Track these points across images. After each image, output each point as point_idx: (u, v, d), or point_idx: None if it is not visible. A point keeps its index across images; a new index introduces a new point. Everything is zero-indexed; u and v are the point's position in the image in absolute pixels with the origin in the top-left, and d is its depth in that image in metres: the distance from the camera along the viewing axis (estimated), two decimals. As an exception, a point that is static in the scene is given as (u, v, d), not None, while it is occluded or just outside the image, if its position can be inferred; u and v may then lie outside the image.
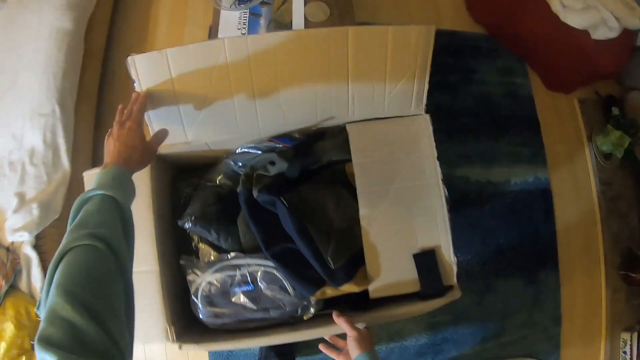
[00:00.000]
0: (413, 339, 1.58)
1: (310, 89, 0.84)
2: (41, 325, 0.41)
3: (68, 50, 1.46)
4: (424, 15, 2.01)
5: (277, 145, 0.88)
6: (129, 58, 0.78)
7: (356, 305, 0.91)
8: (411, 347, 1.58)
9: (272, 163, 0.88)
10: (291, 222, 0.81)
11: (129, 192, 0.65)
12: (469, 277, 1.68)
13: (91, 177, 0.89)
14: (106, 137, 0.72)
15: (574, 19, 1.74)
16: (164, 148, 0.84)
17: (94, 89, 1.64)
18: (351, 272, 0.84)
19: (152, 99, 0.80)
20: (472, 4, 2.03)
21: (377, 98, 0.88)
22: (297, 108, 0.86)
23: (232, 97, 0.82)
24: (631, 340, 1.74)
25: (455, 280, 0.86)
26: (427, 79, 0.90)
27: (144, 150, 0.70)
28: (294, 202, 0.83)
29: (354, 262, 0.85)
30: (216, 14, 1.36)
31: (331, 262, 0.81)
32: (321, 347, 0.86)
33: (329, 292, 0.85)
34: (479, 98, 1.90)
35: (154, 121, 0.83)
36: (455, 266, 0.86)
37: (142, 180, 0.83)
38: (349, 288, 0.84)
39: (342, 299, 0.90)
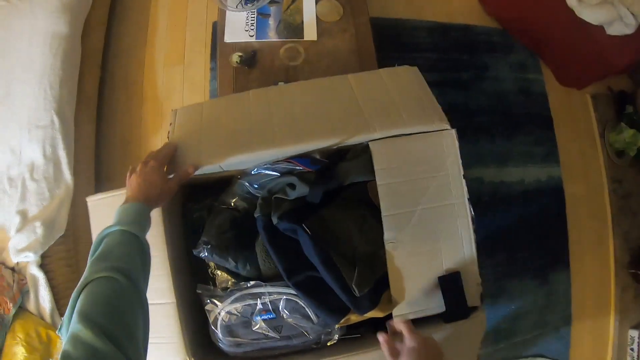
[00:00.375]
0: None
1: (326, 115, 0.86)
2: (63, 346, 0.45)
3: (64, 55, 1.42)
4: (436, 8, 1.97)
5: (296, 168, 0.84)
6: (172, 111, 0.89)
7: (378, 327, 0.89)
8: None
9: (292, 186, 0.84)
10: (314, 251, 0.78)
11: (147, 226, 0.69)
12: (482, 279, 1.68)
13: (95, 204, 0.86)
14: (128, 173, 0.76)
15: (590, 15, 1.72)
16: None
17: (94, 95, 1.59)
18: (376, 299, 0.82)
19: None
20: (485, -7, 1.98)
21: (393, 114, 0.85)
22: (314, 128, 0.83)
23: (251, 125, 0.84)
24: (639, 338, 1.76)
25: (479, 301, 0.84)
26: (434, 99, 0.91)
27: (164, 188, 0.74)
28: (316, 229, 0.80)
29: (378, 287, 0.83)
30: (222, 15, 1.30)
31: (356, 290, 0.79)
32: (380, 336, 0.73)
33: (353, 318, 0.83)
34: (492, 96, 1.87)
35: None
36: (480, 287, 0.84)
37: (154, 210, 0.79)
38: (373, 314, 0.82)
39: (365, 322, 0.88)
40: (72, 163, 1.33)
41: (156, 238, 0.79)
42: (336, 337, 0.85)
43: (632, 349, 1.77)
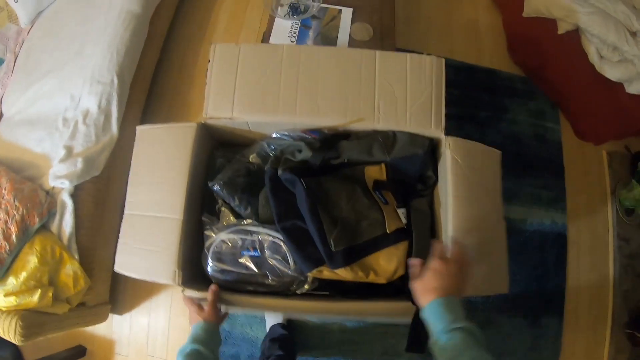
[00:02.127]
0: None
1: (344, 92, 1.04)
2: None
3: (133, 31, 1.71)
4: (466, 50, 2.19)
5: (307, 137, 1.05)
6: (212, 45, 1.08)
7: (346, 294, 1.03)
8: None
9: (300, 151, 1.04)
10: (305, 201, 0.95)
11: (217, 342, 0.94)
12: (470, 308, 1.77)
13: (143, 131, 1.08)
14: (196, 312, 0.95)
15: (610, 71, 1.86)
16: (212, 120, 1.03)
17: (150, 71, 1.89)
18: (349, 259, 0.95)
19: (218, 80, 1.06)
20: (514, 45, 2.19)
21: (400, 110, 1.05)
22: (330, 105, 1.03)
23: (279, 87, 1.04)
24: None
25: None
26: (443, 102, 1.06)
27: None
28: (312, 186, 0.98)
29: (354, 252, 0.96)
30: (270, 21, 1.58)
31: (332, 244, 0.93)
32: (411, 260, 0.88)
33: (326, 273, 0.96)
34: (507, 136, 2.03)
35: (212, 93, 1.05)
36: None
37: (185, 141, 1.01)
38: (343, 273, 0.95)
39: (335, 285, 1.02)
40: (121, 119, 1.59)
41: (183, 165, 1.00)
42: (306, 287, 1.01)
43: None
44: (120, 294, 1.80)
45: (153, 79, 1.95)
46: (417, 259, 0.85)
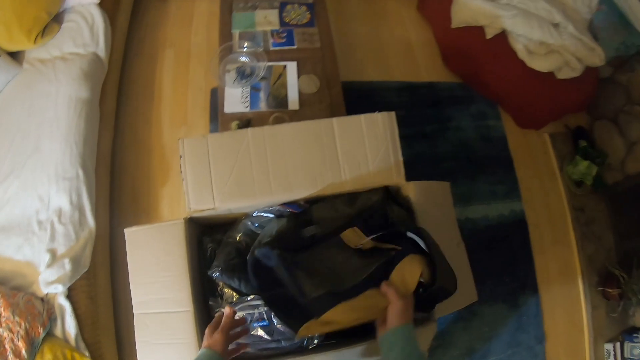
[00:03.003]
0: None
1: (310, 163, 1.20)
2: None
3: (87, 117, 1.80)
4: (404, 69, 2.43)
5: (286, 210, 1.22)
6: (180, 140, 1.17)
7: (352, 337, 1.18)
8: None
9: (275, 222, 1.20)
10: (281, 264, 1.04)
11: None
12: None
13: (131, 233, 1.19)
14: (208, 334, 0.98)
15: (539, 64, 2.14)
16: (197, 213, 1.18)
17: (108, 152, 1.98)
18: (331, 302, 0.99)
19: (194, 175, 1.17)
20: (447, 56, 2.45)
21: (363, 169, 1.23)
22: (301, 178, 1.19)
23: (252, 171, 1.18)
24: (614, 351, 2.05)
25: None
26: (399, 152, 1.24)
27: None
28: (286, 257, 1.08)
29: (335, 295, 1.00)
30: (221, 90, 1.71)
31: (309, 293, 1.01)
32: (383, 286, 0.98)
33: (314, 327, 1.02)
34: (456, 144, 2.28)
35: (190, 188, 1.18)
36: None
37: (177, 238, 1.16)
38: (331, 316, 1.00)
39: (340, 333, 1.12)
40: (94, 210, 1.68)
41: (180, 261, 1.14)
42: (316, 341, 1.18)
43: (609, 362, 2.05)
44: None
45: (112, 157, 2.04)
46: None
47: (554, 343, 2.06)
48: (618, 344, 2.05)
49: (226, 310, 0.98)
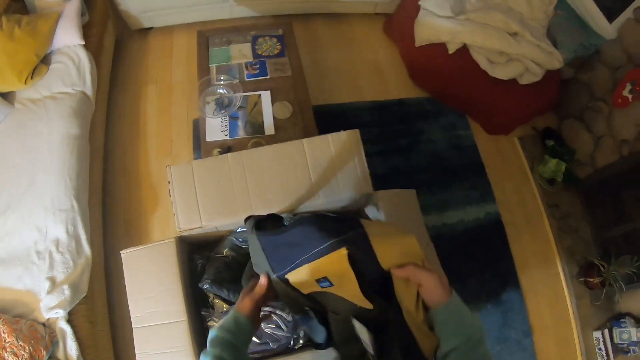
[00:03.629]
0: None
1: (286, 181, 1.38)
2: None
3: (78, 152, 1.96)
4: (374, 89, 2.63)
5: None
6: (167, 167, 1.34)
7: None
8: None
9: None
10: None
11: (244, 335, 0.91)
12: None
13: (128, 255, 1.35)
14: (240, 299, 0.98)
15: (501, 72, 2.32)
16: (186, 232, 1.35)
17: (99, 183, 2.15)
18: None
19: (181, 198, 1.34)
20: (414, 73, 2.67)
21: (333, 183, 1.42)
22: (278, 195, 1.37)
23: (234, 191, 1.36)
24: (603, 337, 2.17)
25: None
26: (365, 164, 1.42)
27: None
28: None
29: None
30: (202, 121, 1.89)
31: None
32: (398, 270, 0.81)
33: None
34: (429, 155, 2.47)
35: (179, 209, 1.35)
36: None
37: (170, 256, 1.32)
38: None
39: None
40: (89, 239, 1.83)
41: (173, 276, 1.30)
42: (301, 342, 1.35)
43: (599, 349, 2.19)
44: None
45: (104, 189, 2.21)
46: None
47: (543, 336, 2.19)
48: (607, 331, 2.17)
49: (262, 278, 0.95)
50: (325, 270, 0.83)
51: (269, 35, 2.22)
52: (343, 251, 0.79)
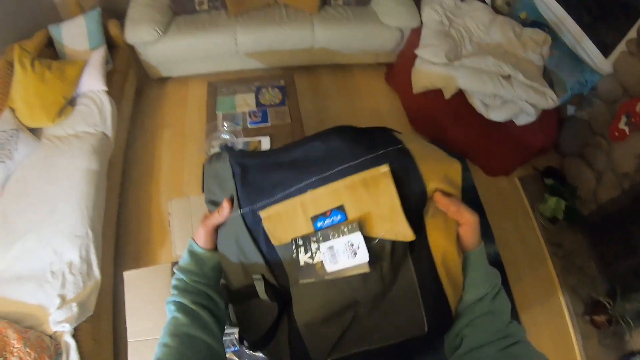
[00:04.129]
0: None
1: None
2: None
3: (96, 187, 2.20)
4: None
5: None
6: (169, 201, 1.56)
7: None
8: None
9: None
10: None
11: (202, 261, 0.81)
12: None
13: (129, 276, 1.56)
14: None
15: (496, 115, 2.42)
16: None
17: (114, 215, 2.38)
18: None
19: (179, 227, 1.54)
20: (413, 119, 2.85)
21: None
22: None
23: None
24: None
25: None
26: None
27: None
28: None
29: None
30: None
31: None
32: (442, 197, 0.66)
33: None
34: (427, 198, 2.59)
35: (176, 237, 1.55)
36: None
37: (165, 277, 1.51)
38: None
39: None
40: (100, 265, 2.02)
41: (168, 294, 1.49)
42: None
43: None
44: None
45: (118, 222, 2.43)
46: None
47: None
48: (616, 371, 2.08)
49: (225, 203, 0.75)
50: (349, 196, 0.64)
51: (271, 86, 2.49)
52: (384, 168, 0.63)
